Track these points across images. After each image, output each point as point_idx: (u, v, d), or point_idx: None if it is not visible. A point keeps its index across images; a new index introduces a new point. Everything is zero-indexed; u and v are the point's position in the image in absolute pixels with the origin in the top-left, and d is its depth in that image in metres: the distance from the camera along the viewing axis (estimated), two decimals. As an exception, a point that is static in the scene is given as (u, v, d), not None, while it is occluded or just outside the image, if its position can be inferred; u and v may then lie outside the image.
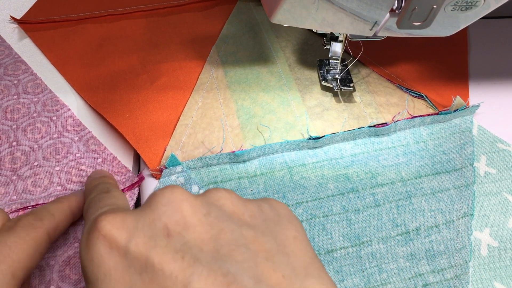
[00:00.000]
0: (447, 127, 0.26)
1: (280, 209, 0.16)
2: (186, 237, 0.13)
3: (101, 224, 0.14)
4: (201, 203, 0.15)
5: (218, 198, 0.15)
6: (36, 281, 0.20)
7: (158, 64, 0.29)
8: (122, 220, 0.14)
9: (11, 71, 0.29)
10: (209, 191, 0.15)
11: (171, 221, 0.14)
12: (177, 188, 0.15)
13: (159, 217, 0.14)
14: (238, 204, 0.15)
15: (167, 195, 0.14)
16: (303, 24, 0.21)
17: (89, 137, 0.26)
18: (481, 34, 0.32)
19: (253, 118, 0.26)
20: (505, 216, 0.23)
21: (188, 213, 0.14)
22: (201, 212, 0.14)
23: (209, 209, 0.14)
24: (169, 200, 0.14)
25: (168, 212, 0.14)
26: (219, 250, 0.13)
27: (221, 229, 0.14)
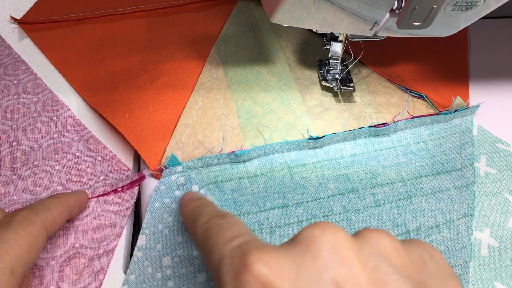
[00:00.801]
0: (447, 127, 0.26)
1: (440, 260, 0.15)
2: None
3: (256, 266, 0.12)
4: (368, 253, 0.13)
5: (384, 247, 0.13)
6: (36, 281, 0.20)
7: (158, 64, 0.29)
8: (280, 263, 0.12)
9: (11, 71, 0.29)
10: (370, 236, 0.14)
11: (340, 274, 0.12)
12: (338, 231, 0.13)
13: (325, 267, 0.12)
14: (404, 255, 0.14)
15: (329, 239, 0.13)
16: (303, 24, 0.21)
17: (89, 137, 0.26)
18: (481, 34, 0.32)
19: (253, 118, 0.26)
20: (505, 216, 0.23)
21: (357, 267, 0.12)
22: (370, 265, 0.13)
23: (377, 262, 0.13)
24: (333, 247, 0.13)
25: (335, 262, 0.12)
26: None
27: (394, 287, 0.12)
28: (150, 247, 0.21)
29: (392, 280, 0.12)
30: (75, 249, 0.21)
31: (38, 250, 0.17)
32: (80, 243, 0.21)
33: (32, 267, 0.21)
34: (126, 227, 0.22)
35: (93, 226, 0.22)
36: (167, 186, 0.23)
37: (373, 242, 0.14)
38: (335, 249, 0.13)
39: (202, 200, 0.19)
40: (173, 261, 0.21)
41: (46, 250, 0.21)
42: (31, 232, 0.17)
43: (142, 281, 0.20)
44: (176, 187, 0.23)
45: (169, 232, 0.22)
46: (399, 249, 0.14)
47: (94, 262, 0.21)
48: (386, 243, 0.14)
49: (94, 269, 0.21)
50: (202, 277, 0.20)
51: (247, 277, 0.12)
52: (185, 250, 0.21)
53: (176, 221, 0.22)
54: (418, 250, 0.14)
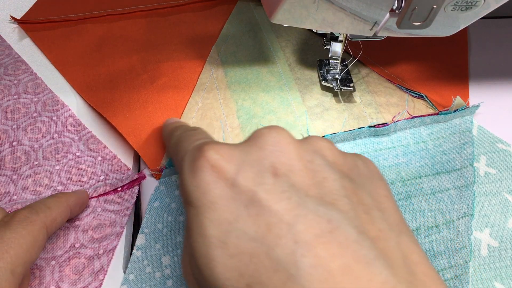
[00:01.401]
0: (447, 127, 0.26)
1: (371, 166, 0.16)
2: (292, 179, 0.13)
3: (208, 152, 0.14)
4: (305, 149, 0.15)
5: (321, 146, 0.15)
6: (36, 281, 0.20)
7: (158, 64, 0.29)
8: (229, 151, 0.14)
9: (11, 71, 0.29)
10: (311, 139, 0.16)
11: (278, 161, 0.14)
12: (283, 130, 0.15)
13: (266, 155, 0.14)
14: (338, 155, 0.15)
15: (274, 135, 0.14)
16: (303, 24, 0.21)
17: (89, 137, 0.26)
18: (481, 34, 0.32)
19: (253, 118, 0.26)
20: (505, 216, 0.23)
21: (294, 156, 0.14)
22: (305, 157, 0.14)
23: (313, 156, 0.14)
24: (276, 141, 0.14)
25: (275, 152, 0.14)
26: (323, 197, 0.13)
27: (324, 177, 0.14)
28: (150, 247, 0.21)
29: (323, 170, 0.14)
30: (75, 249, 0.21)
31: (38, 249, 0.17)
32: (80, 243, 0.21)
33: (32, 267, 0.21)
34: (126, 227, 0.22)
35: (93, 226, 0.22)
36: (167, 186, 0.23)
37: (312, 142, 0.15)
38: (277, 143, 0.14)
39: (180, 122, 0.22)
40: (172, 261, 0.21)
41: (46, 250, 0.21)
42: (31, 231, 0.17)
43: (141, 281, 0.20)
44: (176, 187, 0.23)
45: (169, 231, 0.22)
46: (334, 150, 0.15)
47: (94, 262, 0.21)
48: (324, 144, 0.15)
49: (94, 269, 0.21)
50: (202, 277, 0.20)
51: (200, 161, 0.14)
52: (185, 250, 0.21)
53: (175, 221, 0.22)
54: (352, 156, 0.16)
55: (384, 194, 0.15)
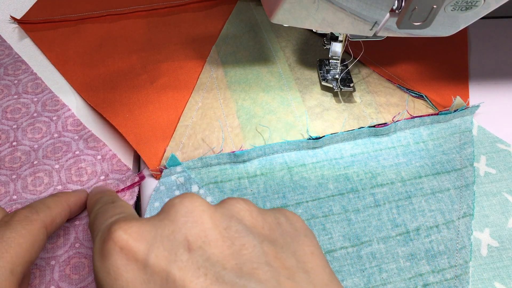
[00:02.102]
0: (447, 127, 0.26)
1: (296, 222, 0.16)
2: (207, 252, 0.13)
3: (116, 233, 0.13)
4: (221, 215, 0.14)
5: (238, 210, 0.15)
6: (36, 281, 0.20)
7: (158, 64, 0.29)
8: (139, 229, 0.14)
9: (11, 71, 0.29)
10: (227, 202, 0.15)
11: (192, 233, 0.13)
12: (196, 198, 0.14)
13: (179, 228, 0.13)
14: (257, 217, 0.15)
15: (186, 204, 0.14)
16: (303, 24, 0.21)
17: (89, 136, 0.26)
18: (481, 34, 0.32)
19: (253, 118, 0.26)
20: (505, 216, 0.23)
21: (208, 226, 0.13)
22: (221, 225, 0.14)
23: (229, 222, 0.14)
24: (188, 211, 0.14)
25: (188, 223, 0.13)
26: (242, 268, 0.13)
27: (243, 244, 0.13)
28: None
29: (240, 237, 0.14)
30: (75, 249, 0.21)
31: (38, 249, 0.17)
32: (80, 243, 0.21)
33: (32, 267, 0.21)
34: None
35: (93, 226, 0.22)
36: (166, 186, 0.23)
37: (228, 206, 0.15)
38: (190, 213, 0.14)
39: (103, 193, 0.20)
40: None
41: (46, 250, 0.21)
42: (31, 231, 0.17)
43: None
44: (176, 187, 0.23)
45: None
46: (253, 211, 0.15)
47: (94, 262, 0.21)
48: (241, 207, 0.15)
49: (94, 269, 0.21)
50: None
51: (108, 244, 0.13)
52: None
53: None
54: (274, 213, 0.16)
55: (310, 251, 0.14)
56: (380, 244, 0.21)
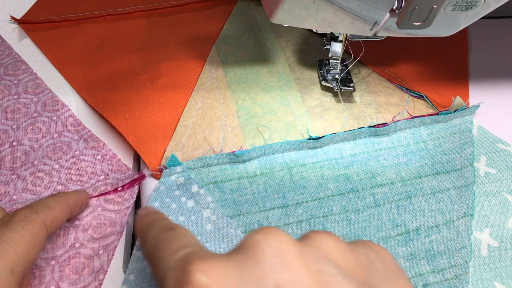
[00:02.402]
0: (447, 127, 0.26)
1: (386, 258, 0.14)
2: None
3: (195, 277, 0.12)
4: (311, 256, 0.13)
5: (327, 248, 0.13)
6: (36, 281, 0.20)
7: (158, 64, 0.29)
8: (220, 271, 0.12)
9: (11, 71, 0.29)
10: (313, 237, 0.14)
11: (282, 279, 0.12)
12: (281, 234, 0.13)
13: (267, 273, 0.12)
14: (349, 256, 0.13)
15: (271, 243, 0.12)
16: (303, 24, 0.21)
17: (89, 136, 0.26)
18: (481, 34, 0.32)
19: (253, 118, 0.26)
20: (505, 216, 0.23)
21: (300, 270, 0.12)
22: (313, 267, 0.12)
23: (321, 264, 0.12)
24: (275, 251, 0.12)
25: (277, 267, 0.12)
26: None
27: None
28: (150, 247, 0.21)
29: (336, 282, 0.12)
30: (75, 249, 0.21)
31: (38, 249, 0.17)
32: (80, 243, 0.21)
33: (32, 267, 0.21)
34: (126, 227, 0.22)
35: (94, 226, 0.22)
36: (166, 186, 0.23)
37: (317, 244, 0.13)
38: (278, 253, 0.12)
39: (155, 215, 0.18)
40: (173, 261, 0.21)
41: (46, 250, 0.21)
42: (31, 230, 0.17)
43: (141, 281, 0.20)
44: (176, 187, 0.23)
45: (169, 232, 0.22)
46: (344, 249, 0.13)
47: (94, 262, 0.21)
48: (330, 244, 0.13)
49: (94, 269, 0.21)
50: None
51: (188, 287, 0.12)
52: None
53: (175, 221, 0.22)
54: (364, 249, 0.14)
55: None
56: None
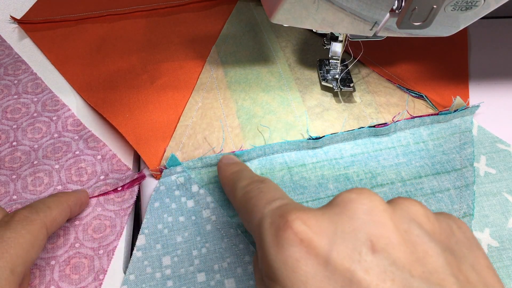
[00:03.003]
0: (447, 127, 0.26)
1: (467, 231, 0.15)
2: (392, 256, 0.12)
3: (295, 223, 0.13)
4: (400, 217, 0.13)
5: (415, 212, 0.14)
6: (36, 281, 0.20)
7: (158, 64, 0.29)
8: (318, 222, 0.13)
9: (11, 71, 0.29)
10: (402, 202, 0.14)
11: (374, 234, 0.13)
12: (374, 195, 0.13)
13: (361, 227, 0.13)
14: (434, 223, 0.14)
15: (365, 202, 0.13)
16: (303, 24, 0.21)
17: (89, 136, 0.26)
18: (481, 34, 0.32)
19: (253, 118, 0.26)
20: (505, 216, 0.23)
21: (390, 228, 0.13)
22: (402, 227, 0.13)
23: (409, 225, 0.13)
24: (368, 209, 0.13)
25: (370, 223, 0.13)
26: (429, 277, 0.12)
27: (426, 251, 0.13)
28: (150, 247, 0.21)
29: (423, 243, 0.13)
30: (75, 249, 0.21)
31: (38, 249, 0.17)
32: (80, 243, 0.21)
33: (32, 267, 0.21)
34: (126, 227, 0.22)
35: (93, 226, 0.22)
36: (166, 186, 0.23)
37: (405, 208, 0.14)
38: (370, 211, 0.13)
39: (241, 165, 0.20)
40: (172, 261, 0.21)
41: (46, 250, 0.21)
42: (31, 230, 0.17)
43: (141, 281, 0.20)
44: (175, 187, 0.23)
45: (169, 232, 0.22)
46: (430, 216, 0.14)
47: (94, 262, 0.21)
48: (418, 209, 0.14)
49: (94, 269, 0.21)
50: (202, 277, 0.20)
51: (287, 233, 0.13)
52: (185, 250, 0.21)
53: (175, 221, 0.22)
54: (447, 220, 0.15)
55: (486, 265, 0.14)
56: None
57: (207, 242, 0.21)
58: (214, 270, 0.20)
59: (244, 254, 0.21)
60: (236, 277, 0.20)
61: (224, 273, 0.20)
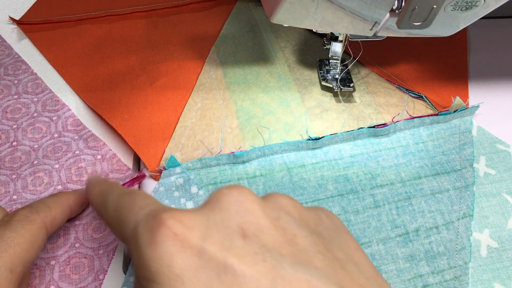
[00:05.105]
0: (446, 128, 0.26)
1: (335, 219, 0.16)
2: (262, 239, 0.13)
3: (169, 221, 0.13)
4: (269, 207, 0.14)
5: (285, 203, 0.15)
6: (36, 281, 0.20)
7: (157, 64, 0.29)
8: (191, 218, 0.13)
9: (11, 71, 0.30)
10: (272, 196, 0.15)
11: (245, 221, 0.13)
12: (244, 188, 0.14)
13: (231, 216, 0.13)
14: (302, 211, 0.15)
15: (235, 194, 0.14)
16: (303, 24, 0.21)
17: (89, 136, 0.26)
18: (481, 34, 0.32)
19: (253, 119, 0.26)
20: (504, 217, 0.23)
21: (260, 215, 0.14)
22: (272, 215, 0.14)
23: (278, 213, 0.14)
24: (238, 200, 0.14)
25: (240, 212, 0.13)
26: (298, 255, 0.13)
27: (294, 234, 0.13)
28: (150, 248, 0.21)
29: (291, 227, 0.14)
30: (76, 249, 0.21)
31: (38, 248, 0.17)
32: (81, 243, 0.22)
33: (32, 267, 0.21)
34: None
35: (94, 225, 0.22)
36: (166, 187, 0.23)
37: (274, 200, 0.15)
38: (241, 202, 0.14)
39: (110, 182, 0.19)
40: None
41: (46, 249, 0.21)
42: (30, 230, 0.17)
43: (141, 282, 0.20)
44: (175, 188, 0.23)
45: (168, 232, 0.22)
46: (297, 206, 0.15)
47: (94, 262, 0.21)
48: (286, 201, 0.15)
49: (94, 268, 0.21)
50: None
51: (161, 230, 0.13)
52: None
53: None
54: (315, 211, 0.16)
55: (354, 247, 0.15)
56: (380, 245, 0.21)
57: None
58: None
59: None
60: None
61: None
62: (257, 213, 0.14)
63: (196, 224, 0.13)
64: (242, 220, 0.13)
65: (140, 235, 0.14)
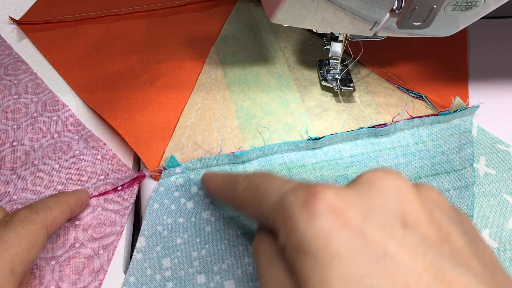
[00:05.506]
0: (446, 128, 0.26)
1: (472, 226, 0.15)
2: (421, 232, 0.12)
3: (327, 194, 0.12)
4: (425, 198, 0.14)
5: (436, 198, 0.14)
6: (36, 281, 0.20)
7: (157, 64, 0.29)
8: (348, 195, 0.13)
9: (11, 71, 0.29)
10: (423, 186, 0.14)
11: (404, 210, 0.13)
12: (399, 174, 0.13)
13: (391, 202, 0.13)
14: (450, 209, 0.14)
15: (392, 179, 0.13)
16: (303, 24, 0.21)
17: (89, 136, 0.26)
18: (481, 34, 0.32)
19: (253, 119, 0.26)
20: (504, 217, 0.23)
21: (418, 206, 0.13)
22: (426, 208, 0.13)
23: (432, 206, 0.13)
24: (396, 186, 0.13)
25: (399, 199, 0.13)
26: (456, 255, 0.12)
27: (449, 232, 0.13)
28: (150, 249, 0.21)
29: (446, 224, 0.13)
30: (76, 249, 0.21)
31: (38, 249, 0.17)
32: (81, 243, 0.22)
33: (32, 267, 0.21)
34: (126, 227, 0.22)
35: (94, 225, 0.22)
36: (166, 187, 0.23)
37: (426, 190, 0.14)
38: (398, 189, 0.13)
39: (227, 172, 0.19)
40: (172, 263, 0.21)
41: (46, 250, 0.21)
42: (30, 231, 0.17)
43: (141, 283, 0.20)
44: (175, 188, 0.23)
45: (168, 233, 0.22)
46: (448, 202, 0.15)
47: (94, 262, 0.21)
48: (438, 195, 0.14)
49: (94, 269, 0.21)
50: (201, 279, 0.20)
51: (318, 204, 0.12)
52: (184, 251, 0.21)
53: (175, 223, 0.22)
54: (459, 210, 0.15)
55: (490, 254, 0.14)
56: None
57: (207, 244, 0.21)
58: (213, 271, 0.21)
59: (244, 256, 0.21)
60: (235, 278, 0.20)
61: (223, 275, 0.20)
62: (415, 204, 0.13)
63: (354, 203, 0.13)
64: (401, 208, 0.13)
65: (291, 207, 0.13)
